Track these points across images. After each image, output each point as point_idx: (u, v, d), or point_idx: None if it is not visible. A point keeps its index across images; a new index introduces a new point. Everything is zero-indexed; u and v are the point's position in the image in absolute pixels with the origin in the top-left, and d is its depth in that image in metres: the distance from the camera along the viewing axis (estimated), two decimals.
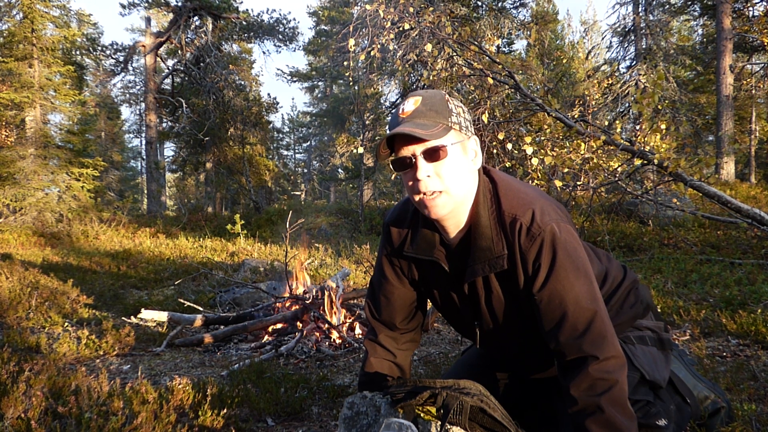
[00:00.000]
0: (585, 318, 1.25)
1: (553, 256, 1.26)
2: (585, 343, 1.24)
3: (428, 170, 1.25)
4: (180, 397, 2.16)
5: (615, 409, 1.20)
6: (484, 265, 1.33)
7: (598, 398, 1.21)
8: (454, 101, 1.32)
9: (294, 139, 39.50)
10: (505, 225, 1.31)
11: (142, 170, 34.29)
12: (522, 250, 1.29)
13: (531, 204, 1.30)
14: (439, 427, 1.33)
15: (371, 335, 1.65)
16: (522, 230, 1.28)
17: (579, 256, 1.29)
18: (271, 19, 19.03)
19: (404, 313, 1.59)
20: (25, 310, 4.19)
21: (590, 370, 1.22)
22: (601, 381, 1.22)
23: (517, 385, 1.66)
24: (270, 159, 22.81)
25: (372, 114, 16.42)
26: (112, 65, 19.47)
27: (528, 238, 1.28)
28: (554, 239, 1.26)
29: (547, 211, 1.30)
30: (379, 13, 5.50)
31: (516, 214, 1.30)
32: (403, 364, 1.63)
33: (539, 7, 18.25)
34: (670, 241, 6.92)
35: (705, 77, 16.66)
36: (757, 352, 2.71)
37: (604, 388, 1.21)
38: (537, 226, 1.27)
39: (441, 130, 1.25)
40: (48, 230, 11.50)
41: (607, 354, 1.23)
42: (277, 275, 6.22)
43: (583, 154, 4.97)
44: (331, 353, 3.29)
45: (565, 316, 1.26)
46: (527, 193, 1.35)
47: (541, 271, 1.27)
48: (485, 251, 1.32)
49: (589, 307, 1.25)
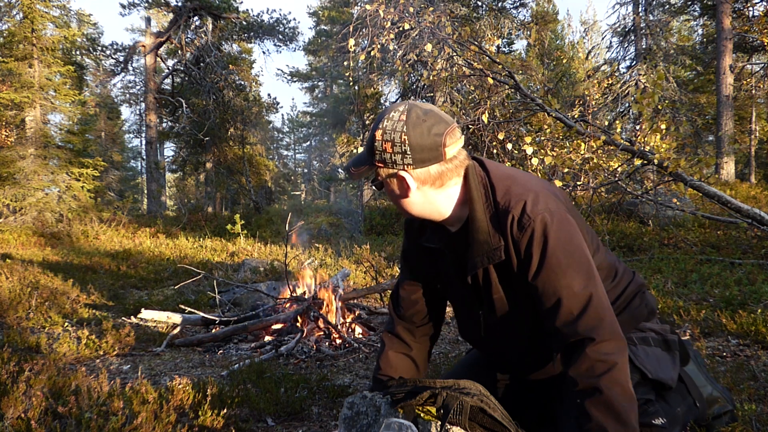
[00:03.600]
0: (579, 303, 1.27)
1: (543, 245, 1.29)
2: (581, 326, 1.25)
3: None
4: (180, 397, 2.16)
5: (614, 391, 1.21)
6: (483, 258, 1.38)
7: (596, 380, 1.22)
8: (387, 135, 1.32)
9: (294, 139, 39.53)
10: (498, 216, 1.35)
11: (142, 170, 34.29)
12: (514, 240, 1.32)
13: (523, 195, 1.33)
14: (439, 427, 1.33)
15: (389, 327, 1.72)
16: (513, 222, 1.32)
17: (573, 243, 1.31)
18: (271, 19, 19.04)
19: (420, 308, 1.65)
20: (25, 310, 4.19)
21: (588, 352, 1.24)
22: (599, 363, 1.23)
23: (517, 385, 1.66)
24: (270, 159, 22.83)
25: (372, 114, 16.42)
26: (112, 65, 19.46)
27: (519, 229, 1.31)
28: (545, 229, 1.29)
29: (540, 201, 1.32)
30: (379, 13, 5.50)
31: (508, 205, 1.33)
32: (418, 358, 1.67)
33: (539, 7, 18.25)
34: (670, 241, 6.92)
35: (705, 77, 16.66)
36: (757, 352, 2.71)
37: (603, 370, 1.22)
38: (527, 217, 1.30)
39: (365, 170, 1.39)
40: (48, 230, 11.50)
41: (605, 336, 1.24)
42: (278, 275, 6.23)
43: (583, 154, 4.97)
44: (331, 353, 3.29)
45: (559, 303, 1.28)
46: (521, 182, 1.38)
47: (533, 261, 1.30)
48: (483, 244, 1.37)
49: (583, 292, 1.27)
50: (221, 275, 6.66)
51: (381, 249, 8.38)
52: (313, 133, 36.75)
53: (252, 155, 18.96)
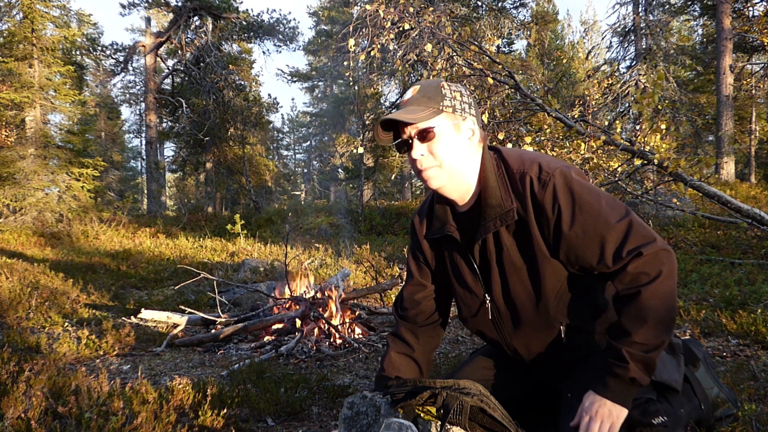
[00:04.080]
0: (621, 233, 1.30)
1: (570, 193, 1.33)
2: (626, 253, 1.28)
3: (421, 149, 1.40)
4: (180, 397, 2.16)
5: (652, 302, 1.26)
6: (495, 220, 1.41)
7: (637, 288, 1.27)
8: (452, 87, 1.44)
9: (294, 139, 39.53)
10: (515, 181, 1.40)
11: (142, 170, 34.27)
12: (537, 199, 1.36)
13: (536, 158, 1.41)
14: (439, 427, 1.33)
15: (394, 329, 1.75)
16: (533, 181, 1.37)
17: (595, 187, 1.37)
18: (271, 19, 19.06)
19: (426, 310, 1.67)
20: (25, 310, 4.18)
21: (630, 269, 1.28)
22: (642, 275, 1.27)
23: (520, 384, 1.65)
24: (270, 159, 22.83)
25: (372, 114, 16.42)
26: (112, 65, 19.47)
27: (540, 186, 1.35)
28: (566, 179, 1.34)
29: (552, 161, 1.39)
30: (379, 13, 5.50)
31: (524, 169, 1.40)
32: (421, 360, 1.69)
33: (539, 7, 18.24)
34: (670, 241, 6.92)
35: (705, 77, 16.65)
36: (757, 352, 2.71)
37: (645, 281, 1.27)
38: (546, 173, 1.35)
39: (430, 113, 1.38)
40: (48, 230, 11.50)
41: (650, 249, 1.27)
42: (278, 275, 6.23)
43: (583, 154, 4.96)
44: (331, 353, 3.29)
45: (603, 240, 1.31)
46: (530, 153, 1.48)
47: (564, 211, 1.33)
48: (495, 208, 1.41)
49: (622, 223, 1.30)
50: (221, 275, 6.66)
51: (381, 249, 8.38)
52: (313, 133, 36.75)
53: (252, 155, 18.97)
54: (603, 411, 1.29)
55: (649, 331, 1.26)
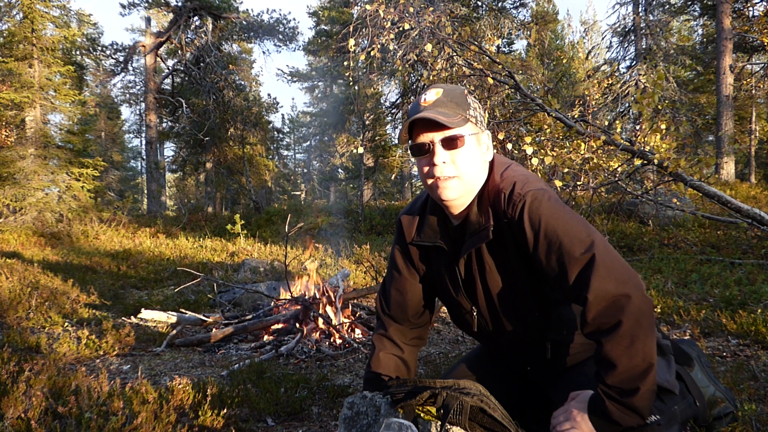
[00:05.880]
0: (580, 266, 1.24)
1: (538, 217, 1.30)
2: (587, 291, 1.22)
3: (445, 157, 1.35)
4: (180, 397, 2.16)
5: (615, 352, 1.19)
6: (475, 239, 1.39)
7: (598, 338, 1.22)
8: (471, 96, 1.42)
9: (294, 139, 39.50)
10: (493, 198, 1.39)
11: (142, 170, 34.27)
12: (507, 216, 1.35)
13: (514, 177, 1.39)
14: (439, 427, 1.33)
15: (381, 329, 1.69)
16: (504, 198, 1.35)
17: (565, 209, 1.33)
18: (271, 19, 19.04)
19: (414, 308, 1.64)
20: (25, 310, 4.18)
21: (588, 317, 1.22)
22: (603, 323, 1.21)
23: (518, 384, 1.66)
24: (270, 159, 22.81)
25: (372, 114, 16.41)
26: (112, 65, 19.46)
27: (510, 206, 1.34)
28: (535, 202, 1.31)
29: (529, 183, 1.36)
30: (379, 13, 5.50)
31: (500, 186, 1.38)
32: (409, 360, 1.67)
33: (539, 7, 18.24)
34: (670, 241, 6.92)
35: (705, 77, 16.65)
36: (757, 352, 2.71)
37: (606, 328, 1.21)
38: (517, 194, 1.34)
39: (460, 120, 1.35)
40: (48, 230, 11.50)
41: (610, 293, 1.21)
42: (278, 275, 6.22)
43: (583, 154, 4.96)
44: (331, 353, 3.29)
45: (565, 270, 1.26)
46: (515, 170, 1.43)
47: (528, 234, 1.31)
48: (474, 225, 1.40)
49: (584, 256, 1.24)
50: (221, 275, 6.66)
51: (381, 249, 8.38)
52: (313, 133, 36.70)
53: (252, 155, 18.96)
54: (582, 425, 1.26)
55: (620, 375, 1.20)
